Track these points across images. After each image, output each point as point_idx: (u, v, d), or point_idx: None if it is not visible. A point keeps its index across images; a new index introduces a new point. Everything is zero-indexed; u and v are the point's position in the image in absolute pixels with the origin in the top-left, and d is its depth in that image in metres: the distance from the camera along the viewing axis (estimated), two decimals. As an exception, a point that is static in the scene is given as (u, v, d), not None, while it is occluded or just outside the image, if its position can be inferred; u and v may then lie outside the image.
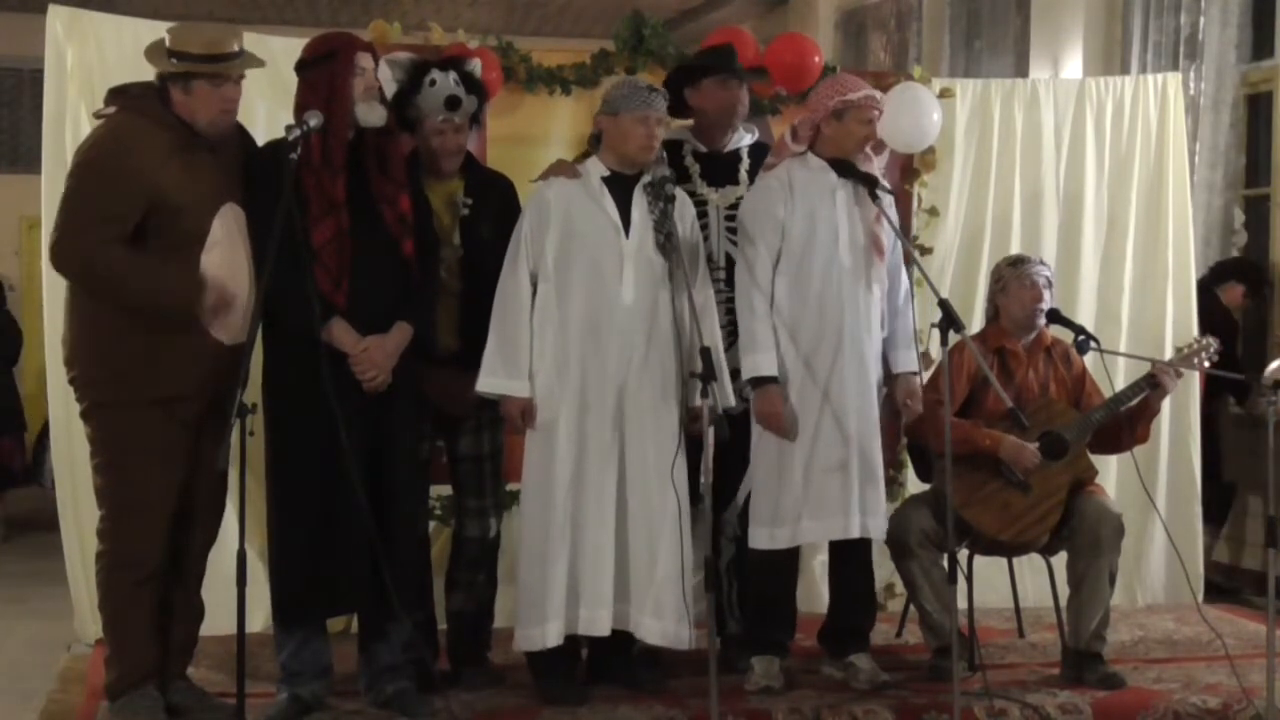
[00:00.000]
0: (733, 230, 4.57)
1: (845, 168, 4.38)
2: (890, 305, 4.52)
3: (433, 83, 4.36)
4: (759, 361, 4.35)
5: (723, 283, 4.55)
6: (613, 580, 4.23)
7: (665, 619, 4.24)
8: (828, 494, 4.37)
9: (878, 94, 4.52)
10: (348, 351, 4.00)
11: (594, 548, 4.22)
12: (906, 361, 4.53)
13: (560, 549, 4.22)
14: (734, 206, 4.62)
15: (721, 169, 4.69)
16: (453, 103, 4.34)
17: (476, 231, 4.39)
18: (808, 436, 4.37)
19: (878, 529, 4.46)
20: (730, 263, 4.55)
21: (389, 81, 4.42)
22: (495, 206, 4.41)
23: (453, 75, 4.38)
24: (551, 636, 4.22)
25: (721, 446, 4.09)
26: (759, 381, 4.35)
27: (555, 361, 4.26)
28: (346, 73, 4.01)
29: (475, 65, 4.54)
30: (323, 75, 4.04)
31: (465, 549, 4.51)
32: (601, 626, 4.24)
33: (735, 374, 4.44)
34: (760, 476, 4.44)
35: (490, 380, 4.24)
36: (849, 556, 4.55)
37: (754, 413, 4.38)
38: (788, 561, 4.52)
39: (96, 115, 4.10)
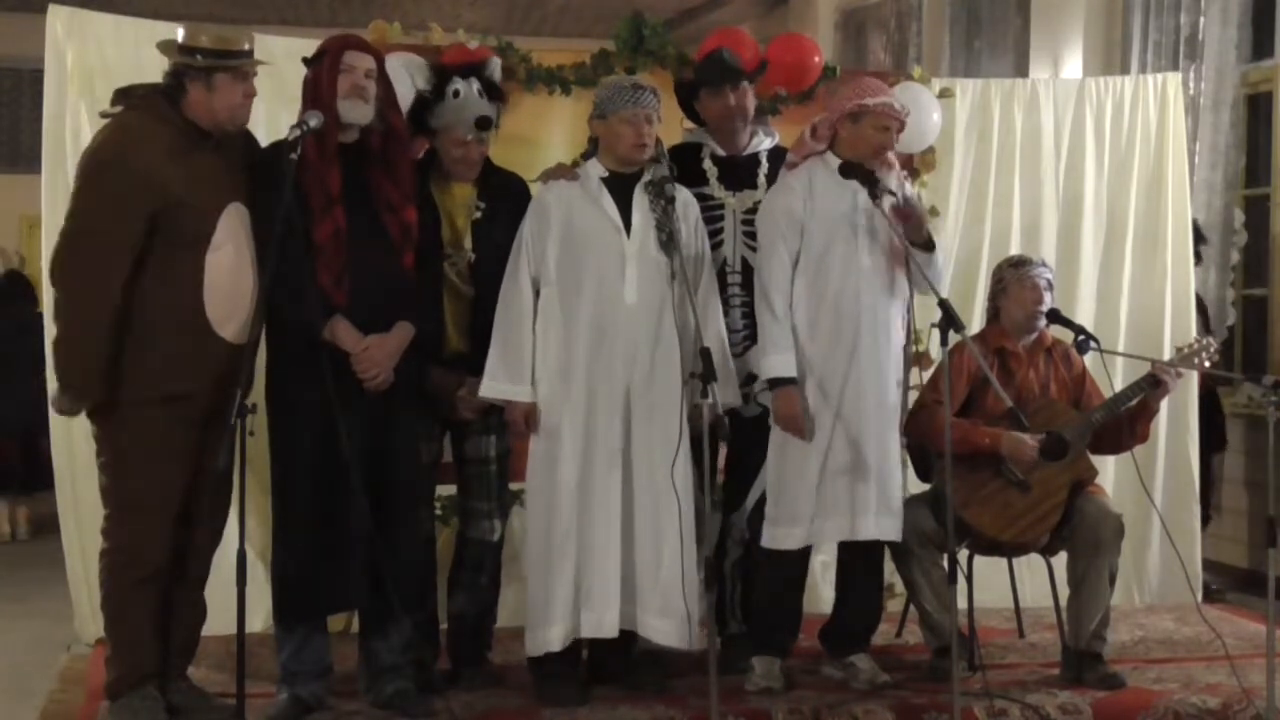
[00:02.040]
0: (749, 235, 4.56)
1: (850, 169, 4.37)
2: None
3: (456, 93, 4.31)
4: (777, 363, 4.34)
5: (739, 287, 4.55)
6: (619, 582, 4.23)
7: (671, 619, 4.23)
8: (840, 495, 4.36)
9: (898, 104, 4.44)
10: (349, 350, 4.00)
11: (601, 550, 4.21)
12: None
13: (566, 553, 4.22)
14: (751, 211, 4.59)
15: (739, 173, 4.66)
16: (484, 124, 4.31)
17: (489, 235, 4.35)
18: (823, 437, 4.36)
19: (892, 529, 4.44)
20: (747, 267, 4.53)
21: (408, 86, 4.39)
22: (509, 210, 4.36)
23: (476, 85, 4.34)
24: (556, 640, 4.22)
25: (737, 449, 4.07)
26: (777, 382, 4.35)
27: (559, 365, 4.26)
28: (332, 71, 4.04)
29: (495, 69, 4.51)
30: (314, 74, 4.08)
31: (469, 551, 4.50)
32: (609, 628, 4.23)
33: (755, 378, 4.45)
34: (775, 476, 4.43)
35: (493, 385, 4.24)
36: (860, 557, 4.54)
37: (772, 414, 4.38)
38: (798, 563, 4.51)
39: (103, 115, 4.11)
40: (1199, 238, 6.49)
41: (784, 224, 4.38)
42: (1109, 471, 5.47)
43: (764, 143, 4.75)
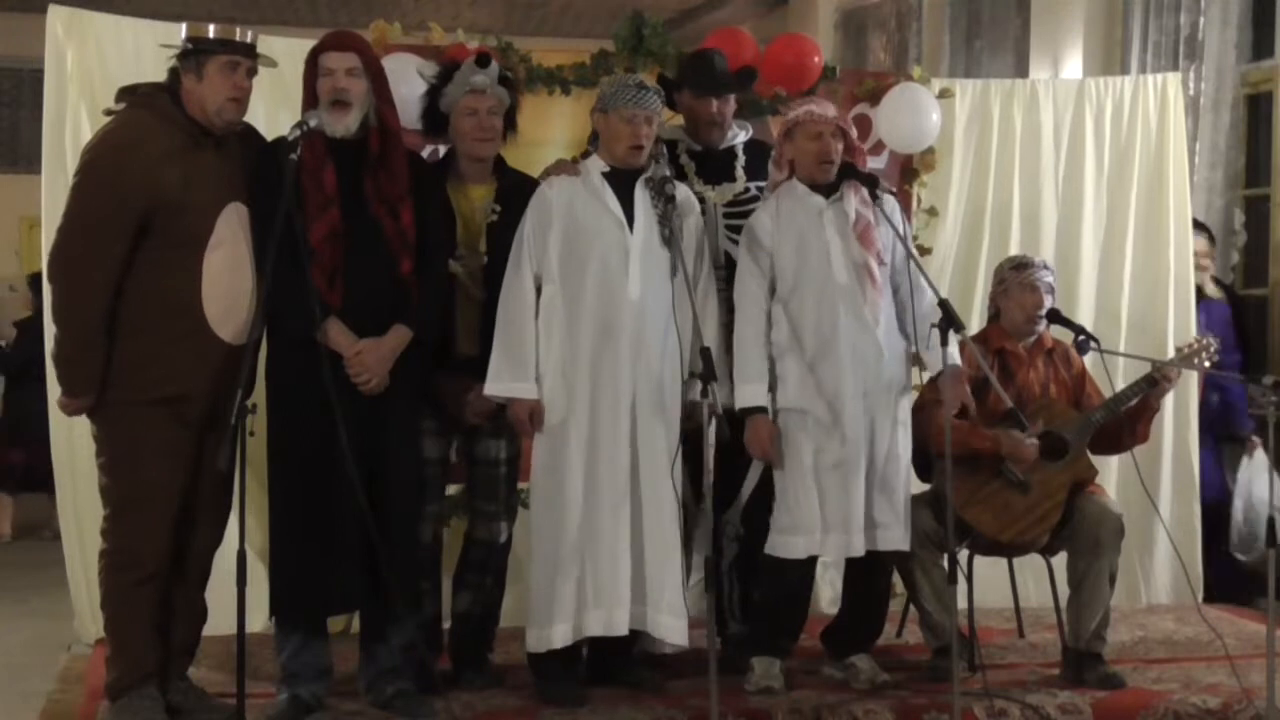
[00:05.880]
0: (731, 228, 4.58)
1: (847, 171, 4.36)
2: (900, 305, 4.43)
3: (458, 68, 4.33)
4: (749, 392, 4.34)
5: (723, 281, 4.54)
6: (630, 580, 4.22)
7: (680, 616, 4.23)
8: (848, 510, 4.33)
9: (820, 109, 4.41)
10: (342, 353, 4.00)
11: (610, 548, 4.20)
12: (933, 362, 4.36)
13: (571, 551, 4.20)
14: (731, 204, 4.63)
15: (717, 166, 4.69)
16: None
17: (505, 239, 4.32)
18: (819, 453, 4.35)
19: (899, 540, 4.42)
20: (730, 261, 4.54)
21: (413, 86, 4.39)
22: (524, 213, 4.33)
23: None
24: (557, 638, 4.21)
25: (725, 447, 4.08)
26: (748, 411, 4.35)
27: (563, 361, 4.24)
28: (310, 77, 4.06)
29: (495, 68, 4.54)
30: (304, 76, 4.09)
31: (474, 552, 4.49)
32: (619, 627, 4.22)
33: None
34: (779, 485, 4.41)
35: (497, 384, 4.22)
36: (866, 565, 4.51)
37: (746, 441, 4.35)
38: (803, 572, 4.49)
39: (107, 112, 4.11)
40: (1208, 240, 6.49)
41: (753, 254, 4.41)
42: (1111, 471, 5.47)
43: (739, 136, 4.76)
